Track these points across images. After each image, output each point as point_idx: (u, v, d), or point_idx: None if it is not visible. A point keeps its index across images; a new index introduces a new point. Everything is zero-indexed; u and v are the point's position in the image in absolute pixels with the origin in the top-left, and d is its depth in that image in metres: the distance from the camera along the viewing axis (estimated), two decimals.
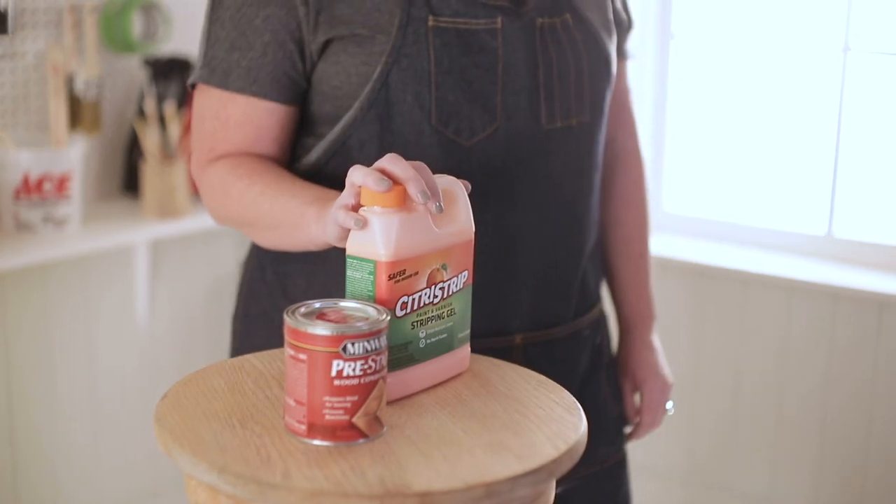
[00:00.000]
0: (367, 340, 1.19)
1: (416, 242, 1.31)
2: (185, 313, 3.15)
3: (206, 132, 1.63)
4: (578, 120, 1.66)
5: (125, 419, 3.03)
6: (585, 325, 1.77)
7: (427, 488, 1.12)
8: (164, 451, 1.21)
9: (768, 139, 3.36)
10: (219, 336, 3.25)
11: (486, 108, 1.57)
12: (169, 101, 2.83)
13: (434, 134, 1.56)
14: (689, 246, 3.34)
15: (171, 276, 3.08)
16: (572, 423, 1.29)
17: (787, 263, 3.19)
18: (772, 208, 3.37)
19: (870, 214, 3.23)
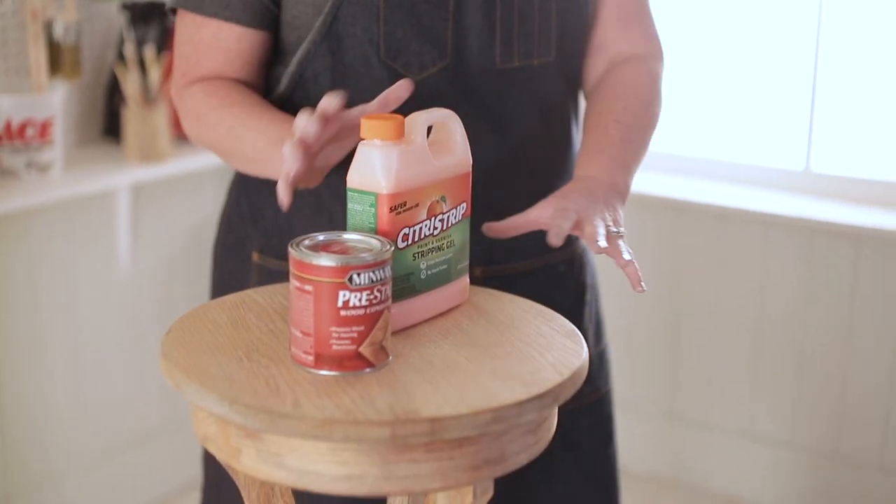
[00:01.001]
0: (373, 271, 1.20)
1: (416, 174, 1.33)
2: (167, 257, 3.15)
3: (182, 56, 1.65)
4: (541, 60, 1.65)
5: (109, 363, 3.03)
6: (560, 261, 1.76)
7: (436, 414, 1.13)
8: (173, 384, 1.22)
9: (745, 74, 3.37)
10: (201, 279, 3.25)
11: (435, 43, 1.58)
12: (149, 45, 2.81)
13: (383, 67, 1.57)
14: (668, 182, 3.36)
15: (154, 220, 3.08)
16: (574, 350, 1.31)
17: (765, 198, 3.22)
18: (749, 144, 3.38)
19: (847, 149, 3.25)
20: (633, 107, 1.67)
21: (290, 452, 1.17)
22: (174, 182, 3.11)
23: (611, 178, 1.57)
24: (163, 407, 3.21)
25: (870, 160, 3.23)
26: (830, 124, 3.24)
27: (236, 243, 1.78)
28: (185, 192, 3.17)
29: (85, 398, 2.99)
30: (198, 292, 3.25)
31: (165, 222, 3.12)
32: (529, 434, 1.25)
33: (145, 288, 3.10)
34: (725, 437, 3.32)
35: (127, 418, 3.12)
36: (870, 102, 3.22)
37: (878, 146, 3.23)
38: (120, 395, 3.08)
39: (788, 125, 3.31)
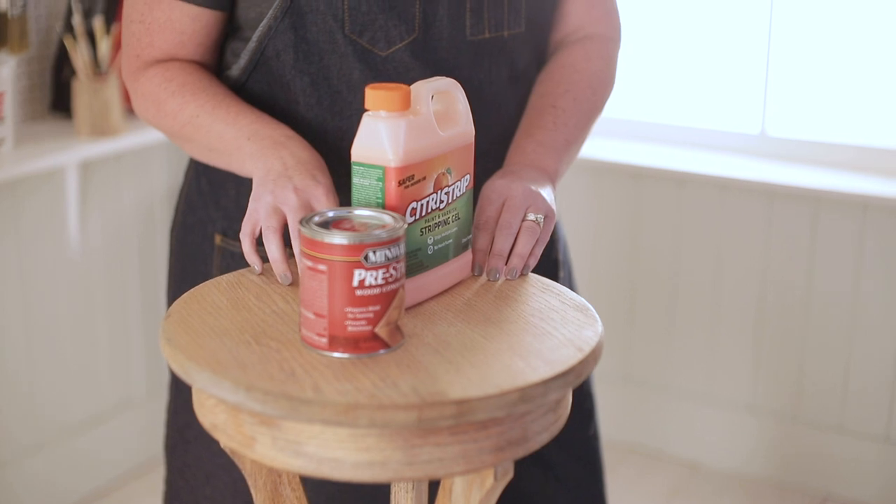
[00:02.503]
0: (388, 248, 1.16)
1: (423, 146, 1.28)
2: (117, 233, 3.07)
3: (133, 36, 1.58)
4: (511, 31, 1.60)
5: (60, 341, 2.96)
6: None
7: (463, 396, 1.09)
8: (179, 371, 1.17)
9: (700, 38, 3.35)
10: (152, 256, 3.18)
11: (402, 17, 1.51)
12: (97, 17, 2.73)
13: (348, 43, 1.51)
14: (624, 148, 3.33)
15: (103, 197, 3.00)
16: (588, 323, 1.28)
17: (722, 162, 3.20)
18: (705, 108, 3.37)
19: (802, 112, 3.25)
20: (575, 91, 1.64)
21: (309, 440, 1.12)
22: (123, 157, 3.03)
23: (539, 161, 1.55)
24: (115, 387, 3.14)
25: (824, 122, 3.22)
26: (785, 88, 3.23)
27: (197, 225, 1.71)
28: (135, 168, 3.09)
29: (36, 378, 2.91)
30: (148, 269, 3.17)
31: (115, 199, 3.04)
32: (550, 413, 1.21)
33: (95, 265, 3.02)
34: (684, 401, 3.31)
35: (79, 398, 3.04)
36: (823, 65, 3.21)
37: (832, 109, 3.22)
38: (72, 374, 3.00)
39: (743, 89, 3.30)
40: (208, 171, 1.68)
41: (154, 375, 3.25)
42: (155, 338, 3.22)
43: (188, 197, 1.73)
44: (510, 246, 1.39)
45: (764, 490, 3.18)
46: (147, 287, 3.18)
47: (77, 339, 3.00)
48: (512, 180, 1.45)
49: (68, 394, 3.01)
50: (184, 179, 1.76)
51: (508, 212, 1.41)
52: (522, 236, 1.39)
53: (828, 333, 3.09)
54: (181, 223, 1.74)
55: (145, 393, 3.23)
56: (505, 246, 1.39)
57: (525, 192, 1.43)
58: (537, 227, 1.40)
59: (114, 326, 3.10)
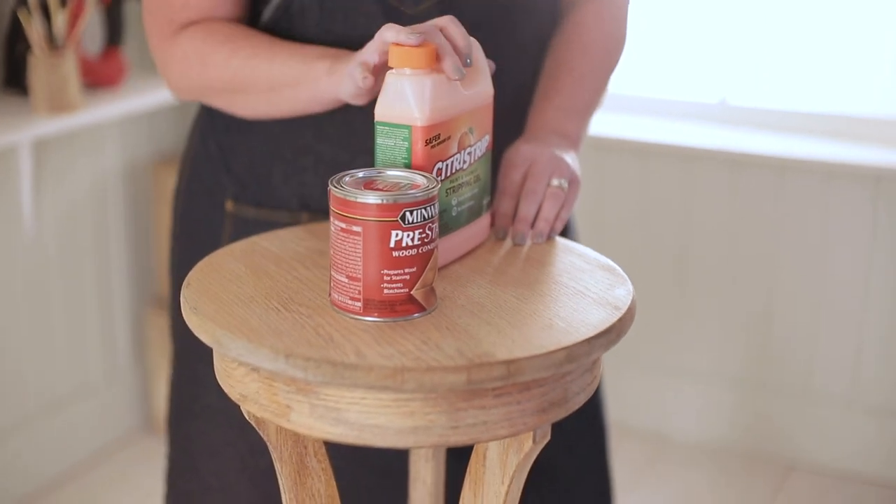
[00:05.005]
0: (424, 208, 1.13)
1: (448, 105, 1.25)
2: (71, 212, 2.99)
3: (162, 3, 1.51)
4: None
5: (14, 324, 2.88)
6: None
7: (510, 356, 1.07)
8: (209, 340, 1.12)
9: (659, 7, 3.34)
10: (107, 234, 3.11)
11: None
12: None
13: (375, 1, 1.47)
14: None
15: (57, 175, 2.92)
16: (619, 282, 1.26)
17: (684, 131, 3.20)
18: (666, 77, 3.36)
19: (762, 80, 3.25)
20: (590, 53, 1.63)
21: (350, 406, 1.09)
22: (77, 135, 2.95)
23: (561, 127, 1.53)
24: (73, 368, 3.07)
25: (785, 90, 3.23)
26: (745, 56, 3.23)
27: (204, 191, 1.65)
28: (89, 146, 3.01)
29: None
30: (103, 248, 3.10)
31: (69, 177, 2.96)
32: (588, 373, 1.19)
33: (50, 245, 2.94)
34: (649, 373, 3.31)
35: (37, 381, 2.97)
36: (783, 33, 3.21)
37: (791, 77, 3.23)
38: (26, 356, 2.93)
39: (703, 58, 3.29)
40: (217, 135, 1.62)
41: (111, 359, 3.18)
42: (111, 321, 3.15)
43: (194, 162, 1.67)
44: (535, 211, 1.37)
45: (731, 459, 3.19)
46: (103, 268, 3.11)
47: (32, 320, 2.93)
48: (536, 146, 1.43)
49: (24, 378, 2.93)
50: (188, 145, 1.70)
51: (533, 178, 1.39)
52: (548, 201, 1.37)
53: (795, 300, 3.10)
54: (185, 189, 1.68)
55: (102, 377, 3.16)
56: (530, 211, 1.37)
57: (549, 157, 1.41)
58: (562, 192, 1.38)
59: (69, 307, 3.03)
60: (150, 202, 3.21)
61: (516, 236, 1.36)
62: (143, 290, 3.25)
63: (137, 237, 3.21)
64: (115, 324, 3.18)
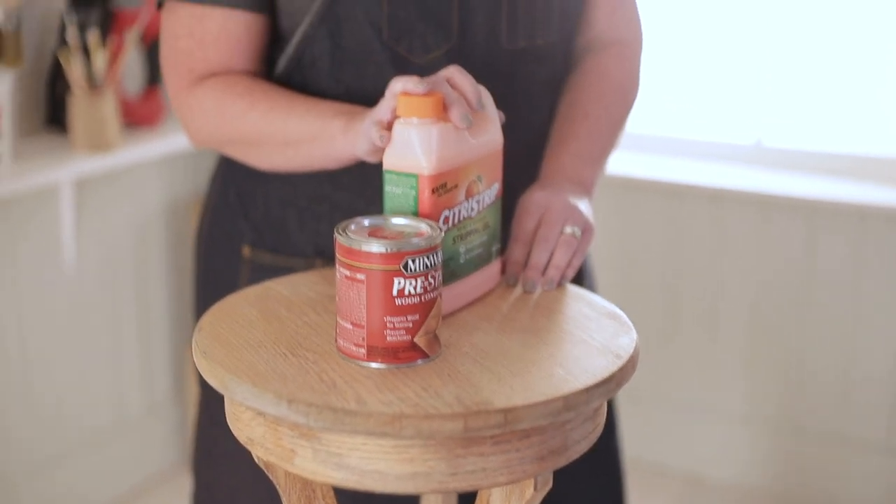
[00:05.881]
0: (427, 256, 1.15)
1: (455, 153, 1.27)
2: (112, 250, 3.04)
3: (182, 52, 1.54)
4: (545, 41, 1.60)
5: (55, 359, 2.92)
6: None
7: (508, 404, 1.08)
8: (217, 385, 1.15)
9: (696, 50, 3.35)
10: (147, 273, 3.15)
11: (441, 25, 1.50)
12: (92, 30, 2.71)
13: (385, 51, 1.50)
14: (621, 159, 3.33)
15: (98, 213, 2.97)
16: (623, 330, 1.27)
17: (718, 173, 3.20)
18: (701, 119, 3.37)
19: (797, 122, 3.25)
20: (605, 99, 1.64)
21: (351, 452, 1.11)
22: (118, 174, 3.00)
23: (576, 174, 1.54)
24: (112, 404, 3.11)
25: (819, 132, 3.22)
26: (780, 98, 3.23)
27: (223, 237, 1.69)
28: (130, 184, 3.06)
29: (32, 395, 2.88)
30: (143, 286, 3.15)
31: (110, 215, 3.01)
32: (589, 421, 1.20)
33: (90, 282, 2.99)
34: (683, 414, 3.30)
35: (77, 415, 3.01)
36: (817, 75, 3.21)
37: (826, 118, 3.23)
38: (68, 391, 2.97)
39: (739, 100, 3.30)
40: (237, 181, 1.65)
41: (150, 394, 3.22)
42: (150, 357, 3.20)
43: (214, 208, 1.70)
44: (546, 259, 1.38)
45: (765, 501, 3.17)
46: (143, 305, 3.15)
47: (73, 356, 2.97)
48: (551, 193, 1.45)
49: (65, 412, 2.98)
50: (209, 191, 1.73)
51: (546, 225, 1.40)
52: (560, 249, 1.38)
53: (826, 343, 3.09)
54: (206, 235, 1.72)
55: (142, 412, 3.20)
56: (542, 259, 1.38)
57: (563, 205, 1.42)
58: (574, 240, 1.39)
59: (110, 343, 3.07)
60: (190, 240, 3.25)
61: (527, 284, 1.37)
62: (183, 327, 3.29)
63: (177, 274, 3.25)
64: (155, 359, 3.22)
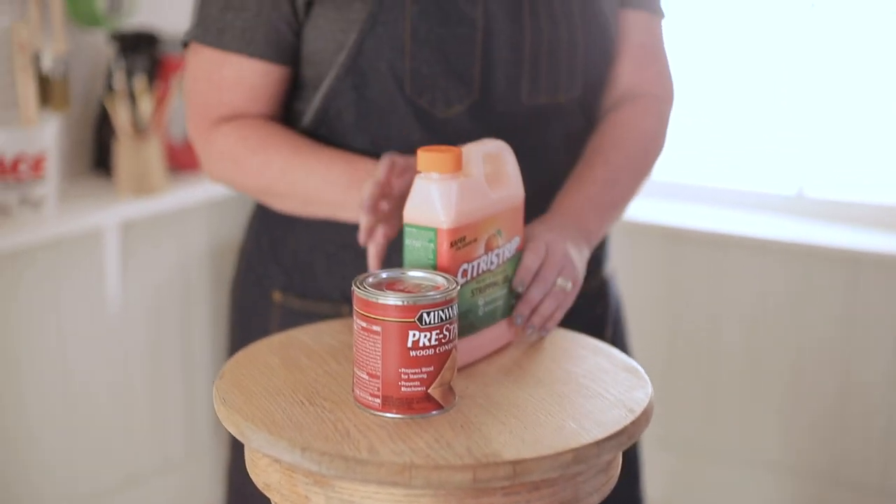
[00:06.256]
0: (442, 309, 1.17)
1: (475, 208, 1.29)
2: (156, 294, 3.08)
3: (201, 94, 1.60)
4: (567, 97, 1.62)
5: (98, 402, 2.96)
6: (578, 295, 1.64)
7: (517, 457, 1.10)
8: (235, 431, 1.18)
9: (737, 99, 3.36)
10: (190, 316, 3.19)
11: (462, 80, 1.53)
12: (138, 76, 2.76)
13: (408, 104, 1.53)
14: (662, 209, 3.34)
15: (142, 256, 3.02)
16: (639, 385, 1.28)
17: (760, 223, 3.20)
18: (743, 169, 3.37)
19: (840, 172, 3.25)
20: (627, 148, 1.64)
21: (363, 500, 1.12)
22: (163, 218, 3.05)
23: (584, 220, 1.53)
24: (153, 446, 3.14)
25: (862, 183, 3.22)
26: (823, 148, 3.23)
27: (256, 282, 1.73)
28: (174, 228, 3.11)
29: (75, 438, 2.92)
30: (187, 329, 3.18)
31: (154, 258, 3.06)
32: (601, 474, 1.21)
33: (134, 324, 3.03)
34: (722, 464, 3.29)
35: (118, 459, 3.05)
36: (861, 126, 3.21)
37: (869, 169, 3.22)
38: (110, 435, 3.01)
39: (781, 150, 3.30)
40: (269, 228, 1.69)
41: (192, 436, 3.25)
42: (193, 400, 3.23)
43: (248, 255, 1.75)
44: (541, 298, 1.38)
45: None
46: (186, 348, 3.19)
47: (115, 398, 3.01)
48: (556, 235, 1.44)
49: (107, 452, 3.01)
50: (244, 237, 1.78)
51: (547, 268, 1.39)
52: (549, 299, 1.39)
53: (867, 394, 3.08)
54: (240, 281, 1.76)
55: (183, 454, 3.23)
56: (537, 296, 1.38)
57: (563, 253, 1.42)
58: (563, 294, 1.39)
59: (152, 388, 3.11)
60: None
61: (517, 316, 1.37)
62: None
63: (220, 318, 3.29)
64: (197, 402, 3.25)
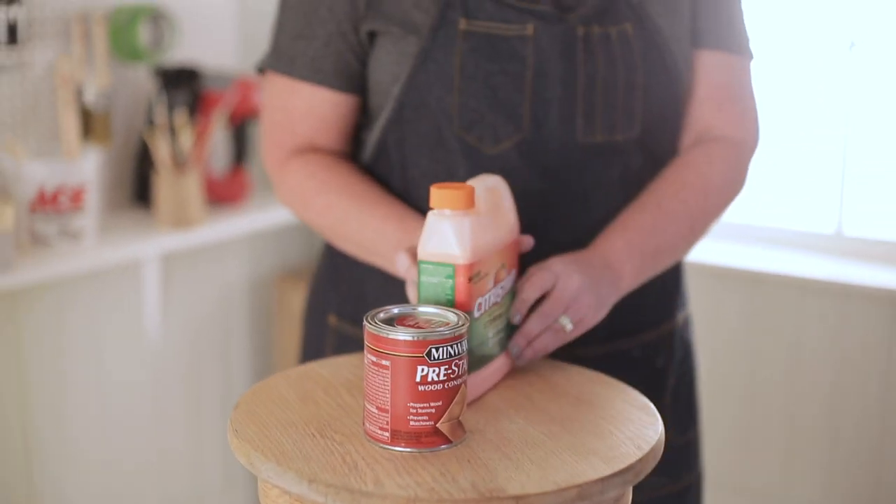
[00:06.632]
0: (451, 345, 1.18)
1: (486, 243, 1.32)
2: (195, 326, 3.12)
3: (275, 124, 1.65)
4: (625, 136, 1.58)
5: (136, 433, 3.00)
6: (634, 346, 1.67)
7: (521, 492, 1.11)
8: (245, 462, 1.19)
9: (775, 138, 3.36)
10: (229, 348, 3.22)
11: (510, 116, 1.53)
12: (179, 110, 2.80)
13: (456, 140, 1.54)
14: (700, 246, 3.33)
15: (182, 289, 3.06)
16: (650, 423, 1.29)
17: (798, 262, 3.20)
18: (781, 207, 3.37)
19: (879, 212, 3.24)
20: (686, 193, 1.59)
21: None
22: (202, 250, 3.09)
23: (618, 263, 1.50)
24: (190, 478, 3.17)
25: None
26: (861, 187, 3.22)
27: (318, 306, 1.78)
28: (214, 260, 3.14)
29: (113, 469, 2.95)
30: (225, 362, 3.22)
31: (193, 290, 3.10)
32: None
33: (173, 356, 3.07)
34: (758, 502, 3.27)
35: (154, 489, 3.07)
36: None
37: None
38: (148, 466, 3.04)
39: (819, 188, 3.29)
40: (333, 255, 1.74)
41: (229, 469, 3.27)
42: None
43: (316, 280, 1.80)
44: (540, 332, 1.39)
45: None
46: (225, 380, 3.22)
47: (153, 430, 3.04)
48: (573, 271, 1.42)
49: (144, 481, 3.04)
50: (317, 267, 1.82)
51: (552, 302, 1.39)
52: (547, 334, 1.39)
53: None
54: (308, 305, 1.82)
55: (219, 487, 3.25)
56: (534, 329, 1.38)
57: (575, 291, 1.40)
58: (563, 334, 1.40)
59: (190, 419, 3.14)
60: (274, 316, 3.32)
61: (513, 347, 1.38)
62: None
63: (260, 349, 3.32)
64: None
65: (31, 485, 2.77)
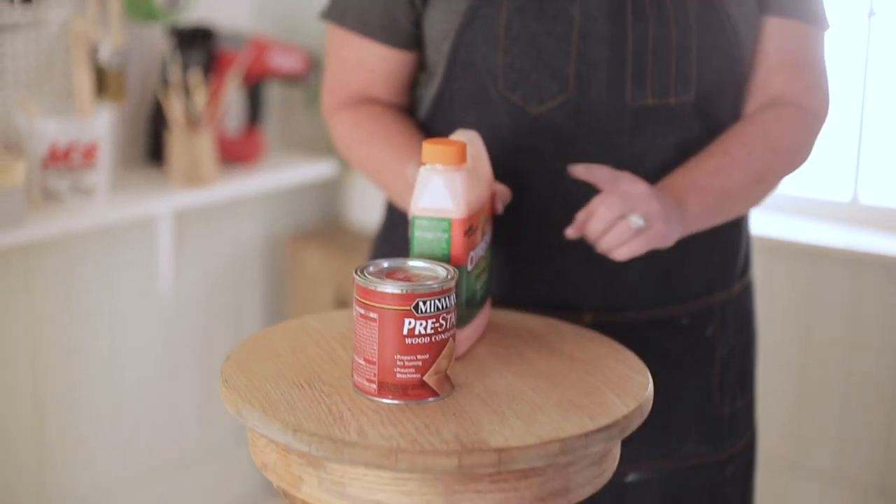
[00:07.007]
0: (438, 299, 1.19)
1: (476, 197, 1.33)
2: (208, 284, 3.13)
3: (332, 73, 1.70)
4: (679, 100, 1.55)
5: (148, 388, 3.02)
6: (684, 314, 1.64)
7: (503, 444, 1.11)
8: (233, 411, 1.21)
9: None
10: (242, 305, 3.24)
11: (555, 76, 1.51)
12: (193, 69, 2.81)
13: (500, 98, 1.54)
14: None
15: (195, 246, 3.07)
16: (640, 382, 1.29)
17: (813, 230, 3.18)
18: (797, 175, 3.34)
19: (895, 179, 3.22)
20: (753, 146, 1.57)
21: (353, 481, 1.15)
22: (216, 208, 3.10)
23: (683, 197, 1.50)
24: (202, 433, 3.19)
25: None
26: (878, 156, 3.21)
27: None
28: (227, 218, 3.16)
29: (125, 423, 2.98)
30: (238, 320, 3.23)
31: (207, 247, 3.11)
32: (594, 466, 1.22)
33: (186, 314, 3.09)
34: (770, 471, 3.27)
35: (166, 444, 3.10)
36: None
37: None
38: (160, 420, 3.07)
39: (835, 157, 3.28)
40: (393, 212, 1.76)
41: (240, 424, 3.28)
42: None
43: (376, 235, 1.82)
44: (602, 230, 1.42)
45: None
46: (237, 337, 3.24)
47: (165, 386, 3.07)
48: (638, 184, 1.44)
49: (155, 440, 3.07)
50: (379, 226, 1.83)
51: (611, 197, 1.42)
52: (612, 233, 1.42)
53: None
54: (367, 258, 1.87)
55: (231, 442, 3.27)
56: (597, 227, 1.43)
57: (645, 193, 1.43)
58: (629, 232, 1.41)
59: (202, 375, 3.16)
60: (286, 275, 3.33)
61: None
62: None
63: (272, 309, 3.33)
64: None
65: (42, 439, 2.79)
